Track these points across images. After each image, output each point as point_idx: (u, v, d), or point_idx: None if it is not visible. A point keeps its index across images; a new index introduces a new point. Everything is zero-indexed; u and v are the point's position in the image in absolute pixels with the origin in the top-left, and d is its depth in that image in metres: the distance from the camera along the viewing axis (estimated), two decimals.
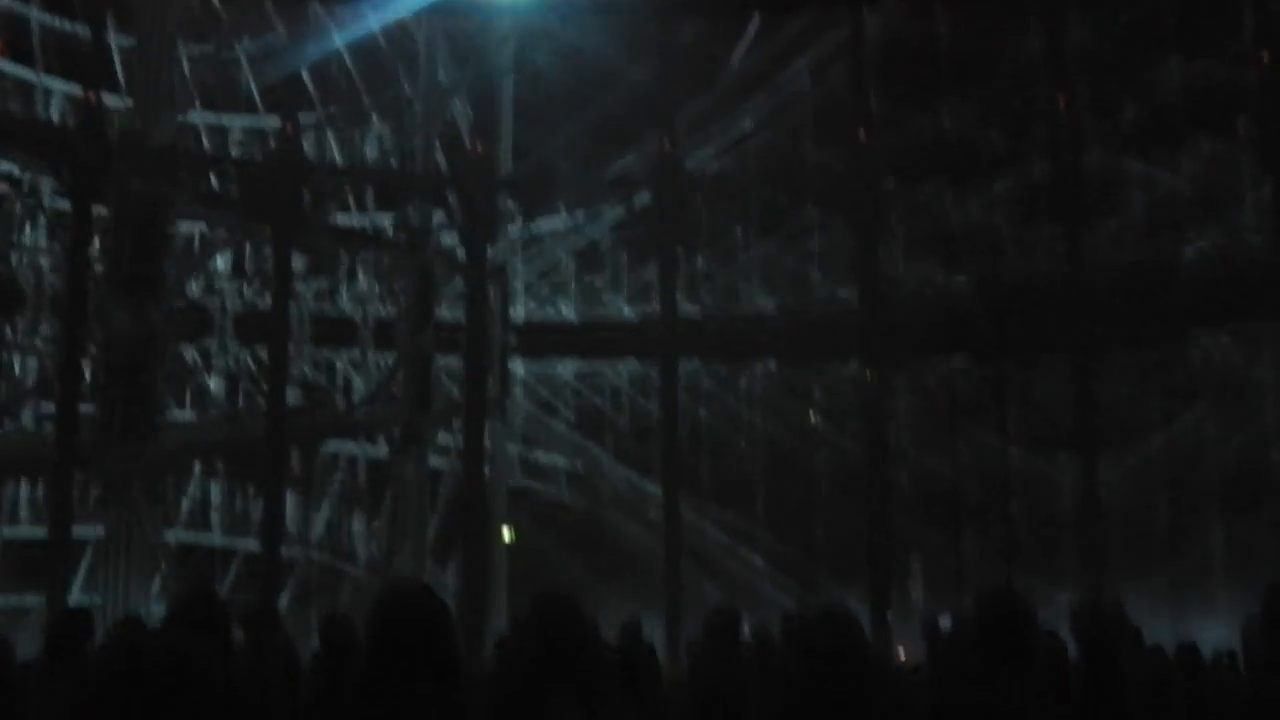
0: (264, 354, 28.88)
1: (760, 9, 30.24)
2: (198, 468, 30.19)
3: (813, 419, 31.22)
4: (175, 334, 27.34)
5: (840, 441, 30.29)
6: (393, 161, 32.16)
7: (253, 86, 30.60)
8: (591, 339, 32.42)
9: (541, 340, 32.40)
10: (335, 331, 31.10)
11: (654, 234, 30.17)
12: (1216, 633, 15.76)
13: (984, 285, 28.59)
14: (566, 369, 32.85)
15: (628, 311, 32.27)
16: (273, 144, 30.23)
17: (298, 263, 29.46)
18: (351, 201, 31.98)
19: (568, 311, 32.84)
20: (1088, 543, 26.97)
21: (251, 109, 31.07)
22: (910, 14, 29.44)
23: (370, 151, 32.33)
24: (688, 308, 30.96)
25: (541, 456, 32.29)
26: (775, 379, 31.47)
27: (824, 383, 31.13)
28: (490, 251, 30.57)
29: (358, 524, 31.01)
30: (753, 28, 30.37)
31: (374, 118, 32.09)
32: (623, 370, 32.56)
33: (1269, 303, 26.48)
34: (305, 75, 30.34)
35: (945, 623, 12.60)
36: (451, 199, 30.21)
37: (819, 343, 30.21)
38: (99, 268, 26.59)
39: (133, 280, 25.32)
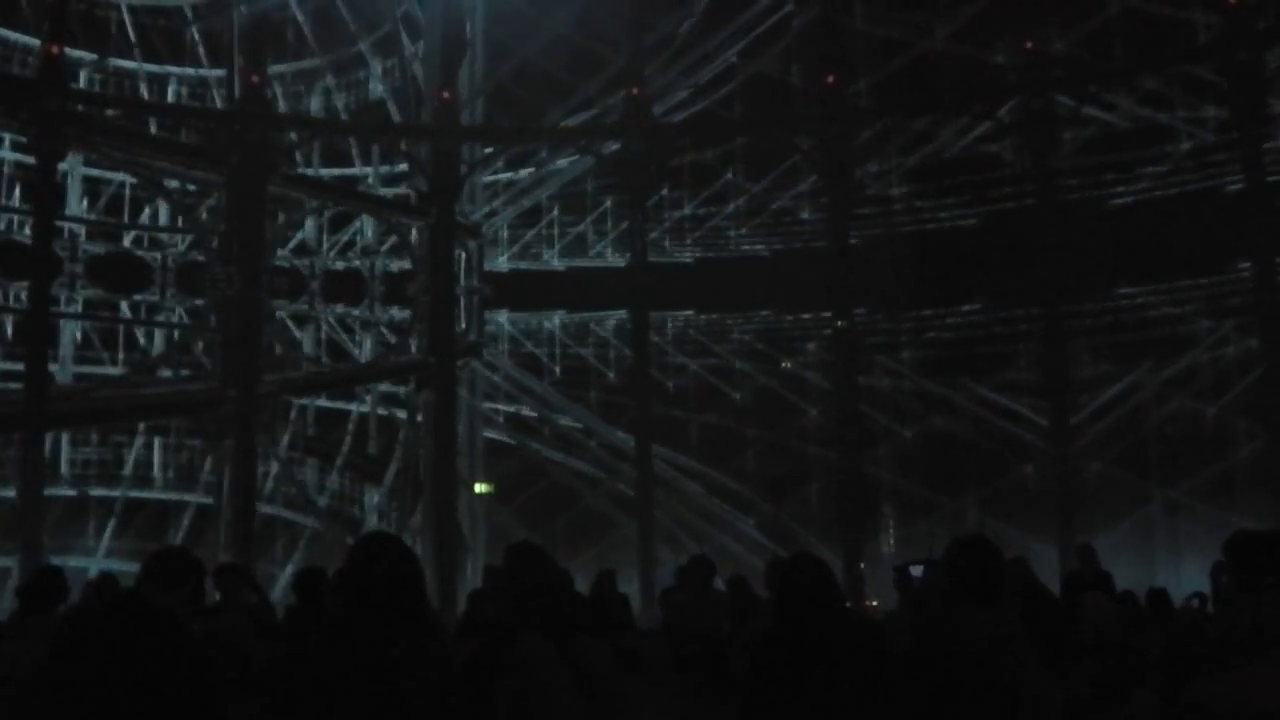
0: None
1: None
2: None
3: (786, 366, 31.46)
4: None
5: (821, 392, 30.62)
6: (343, 114, 32.00)
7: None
8: (575, 289, 32.57)
9: (524, 291, 32.40)
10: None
11: (626, 183, 29.97)
12: None
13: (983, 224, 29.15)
14: (550, 320, 33.04)
15: (611, 259, 32.45)
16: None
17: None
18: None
19: (550, 260, 32.92)
20: (1058, 492, 27.14)
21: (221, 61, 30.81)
22: None
23: (323, 103, 32.23)
24: (677, 254, 31.61)
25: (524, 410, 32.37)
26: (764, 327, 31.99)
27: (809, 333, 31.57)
28: (465, 203, 30.53)
29: (311, 474, 31.01)
30: None
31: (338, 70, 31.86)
32: (610, 320, 32.80)
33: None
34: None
35: (917, 572, 12.66)
36: (418, 149, 29.94)
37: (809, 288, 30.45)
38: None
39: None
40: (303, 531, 29.64)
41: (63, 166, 27.75)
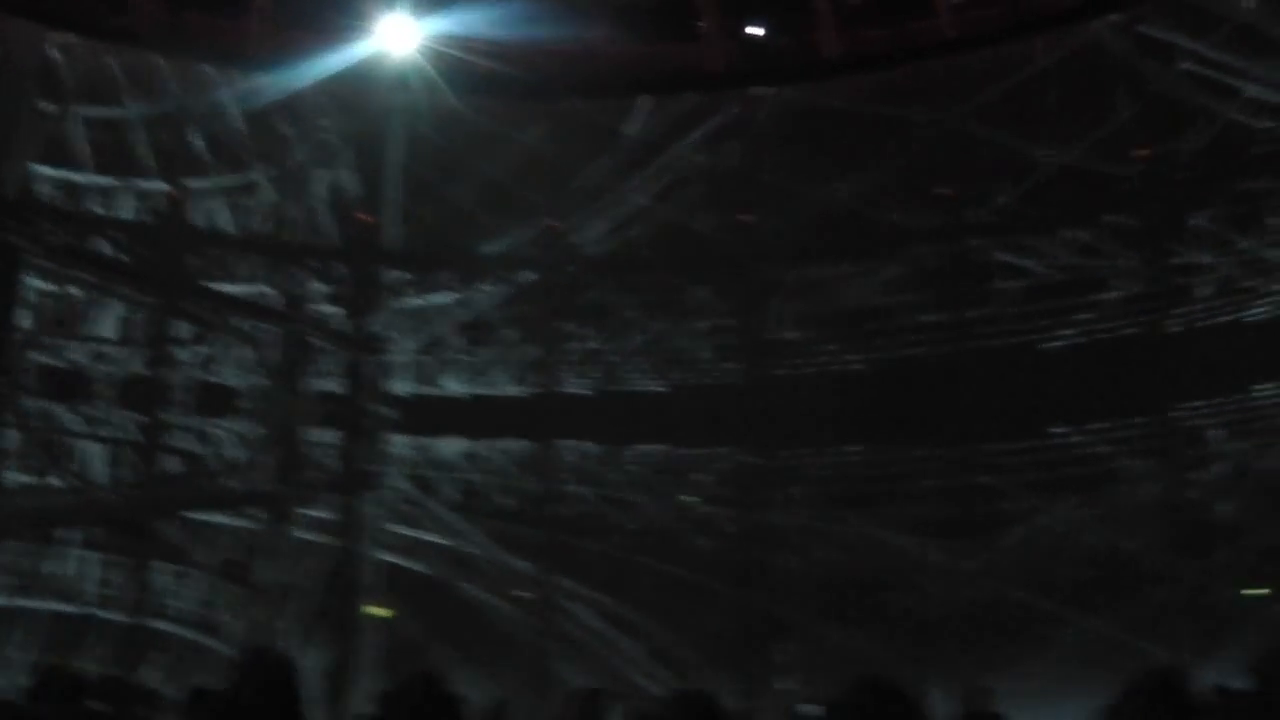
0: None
1: (649, 90, 30.49)
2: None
3: (687, 500, 31.44)
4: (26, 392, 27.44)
5: (723, 527, 30.54)
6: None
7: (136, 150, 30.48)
8: (478, 416, 32.46)
9: (425, 416, 32.23)
10: (217, 400, 30.48)
11: (539, 312, 30.23)
12: None
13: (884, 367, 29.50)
14: (451, 447, 32.68)
15: (514, 390, 32.44)
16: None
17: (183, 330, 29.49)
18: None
19: (455, 387, 32.77)
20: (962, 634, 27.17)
21: (144, 172, 30.59)
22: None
23: (254, 219, 32.03)
24: (577, 386, 31.69)
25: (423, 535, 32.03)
26: (659, 461, 31.94)
27: (713, 466, 31.56)
28: (371, 324, 30.52)
29: (226, 597, 30.25)
30: (645, 103, 30.67)
31: (261, 184, 31.78)
32: (509, 449, 32.62)
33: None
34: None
35: (814, 712, 12.58)
36: (337, 269, 29.98)
37: (707, 424, 30.54)
38: None
39: None
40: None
41: None
